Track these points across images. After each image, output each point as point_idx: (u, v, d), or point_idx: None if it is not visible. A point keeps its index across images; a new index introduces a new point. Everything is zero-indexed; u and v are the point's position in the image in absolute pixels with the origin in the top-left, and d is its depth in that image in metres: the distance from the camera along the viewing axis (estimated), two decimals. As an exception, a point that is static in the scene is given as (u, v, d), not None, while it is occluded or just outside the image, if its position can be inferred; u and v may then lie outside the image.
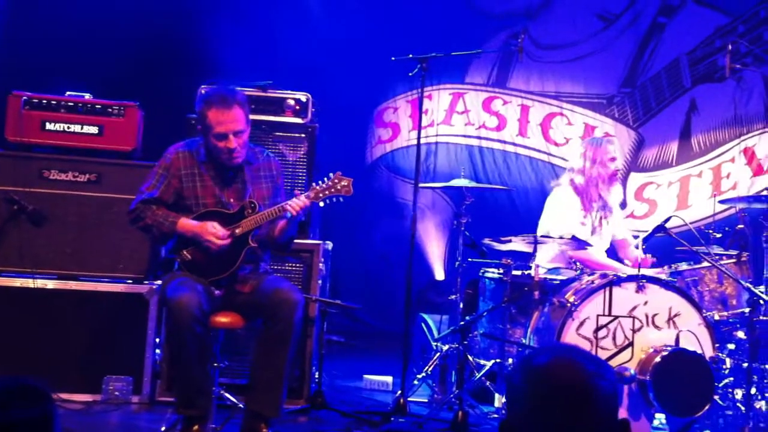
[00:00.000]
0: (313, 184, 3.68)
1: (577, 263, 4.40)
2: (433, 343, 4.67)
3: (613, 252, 4.92)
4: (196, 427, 3.46)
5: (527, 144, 6.72)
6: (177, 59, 5.95)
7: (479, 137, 6.80)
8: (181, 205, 3.68)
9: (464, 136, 6.83)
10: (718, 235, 4.56)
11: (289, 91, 4.63)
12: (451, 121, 6.84)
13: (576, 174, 4.77)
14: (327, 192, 3.62)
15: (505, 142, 6.76)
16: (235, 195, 3.70)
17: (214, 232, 3.57)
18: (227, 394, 3.78)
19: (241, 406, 3.69)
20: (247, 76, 4.73)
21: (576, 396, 1.64)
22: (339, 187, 3.63)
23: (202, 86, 4.59)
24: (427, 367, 4.41)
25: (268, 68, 5.62)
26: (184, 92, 4.75)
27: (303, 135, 4.60)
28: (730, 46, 5.77)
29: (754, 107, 6.61)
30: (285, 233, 3.69)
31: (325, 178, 3.65)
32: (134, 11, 6.05)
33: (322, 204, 3.67)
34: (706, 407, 3.83)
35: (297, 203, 3.57)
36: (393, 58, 4.74)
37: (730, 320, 4.26)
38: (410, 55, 4.61)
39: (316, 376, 4.21)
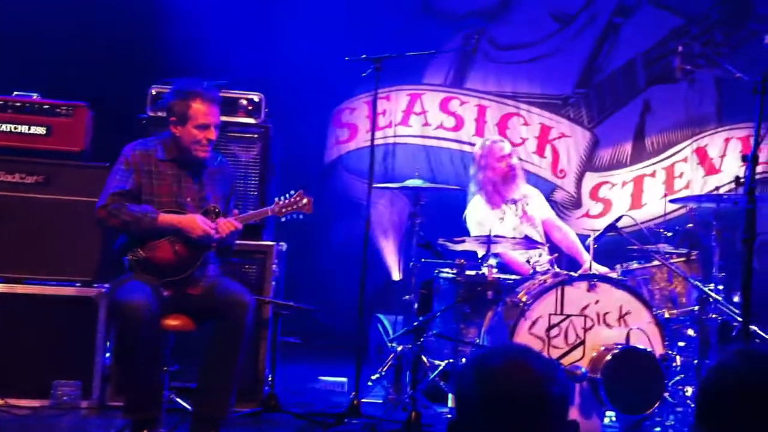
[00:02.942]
0: (276, 199, 3.80)
1: None
2: (389, 344, 4.67)
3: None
4: (144, 432, 3.42)
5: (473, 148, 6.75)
6: (127, 60, 5.89)
7: (437, 137, 6.82)
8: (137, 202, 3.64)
9: (422, 136, 6.83)
10: (669, 234, 4.62)
11: (241, 92, 4.60)
12: (408, 121, 6.85)
13: (477, 181, 4.89)
14: (289, 208, 3.77)
15: (462, 142, 6.79)
16: (192, 195, 3.67)
17: (205, 225, 3.55)
18: (178, 399, 3.73)
19: (190, 409, 3.65)
20: (199, 77, 4.69)
21: (527, 400, 1.63)
22: (300, 205, 3.78)
23: (153, 87, 4.55)
24: (381, 368, 4.40)
25: (222, 69, 5.57)
26: (134, 93, 4.69)
27: (256, 135, 4.57)
28: (680, 48, 5.85)
29: (706, 108, 6.71)
30: (234, 237, 3.70)
31: (288, 195, 3.79)
32: (84, 11, 5.96)
33: (283, 219, 3.80)
34: (657, 405, 3.87)
35: (261, 213, 3.78)
36: (346, 59, 4.73)
37: (680, 318, 4.32)
38: (363, 56, 4.61)
39: (270, 379, 4.18)
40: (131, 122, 4.46)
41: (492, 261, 4.57)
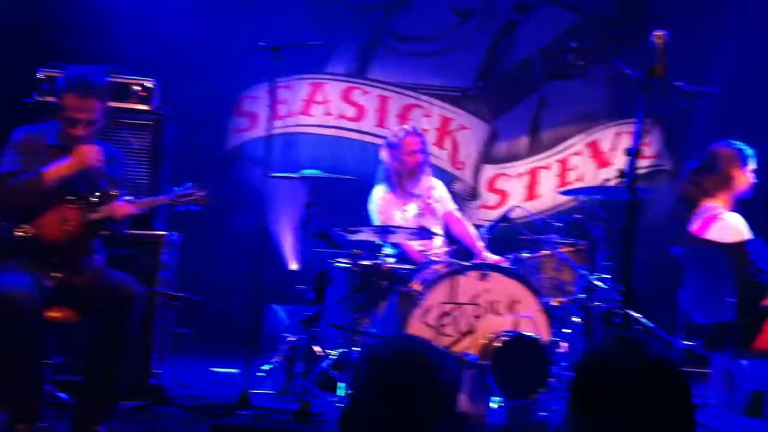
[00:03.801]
0: (173, 188, 3.80)
1: None
2: (283, 334, 4.65)
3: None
4: (23, 426, 3.30)
5: (385, 135, 6.77)
6: (15, 42, 5.65)
7: (338, 127, 6.81)
8: None
9: (323, 126, 6.82)
10: (559, 225, 4.76)
11: (134, 77, 4.49)
12: (310, 111, 6.82)
13: (384, 169, 4.93)
14: (184, 199, 3.76)
15: (363, 132, 6.81)
16: (83, 182, 3.58)
17: (92, 150, 3.49)
18: (60, 392, 3.63)
19: (73, 403, 3.55)
20: (91, 61, 4.55)
21: (418, 388, 1.68)
22: (195, 198, 3.77)
23: (42, 70, 4.40)
24: (274, 359, 4.39)
25: (118, 54, 5.42)
26: (21, 76, 4.53)
27: (149, 122, 4.47)
28: (574, 45, 6.01)
29: (599, 104, 6.92)
30: (126, 223, 3.64)
31: (184, 187, 3.78)
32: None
33: (177, 209, 3.81)
34: (542, 390, 3.99)
35: (158, 201, 3.84)
36: (245, 46, 4.67)
37: (567, 306, 4.45)
38: (261, 44, 4.56)
39: (158, 371, 4.10)
40: (17, 106, 4.30)
41: (389, 251, 4.61)
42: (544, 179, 6.87)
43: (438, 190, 5.03)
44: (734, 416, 4.13)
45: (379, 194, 4.93)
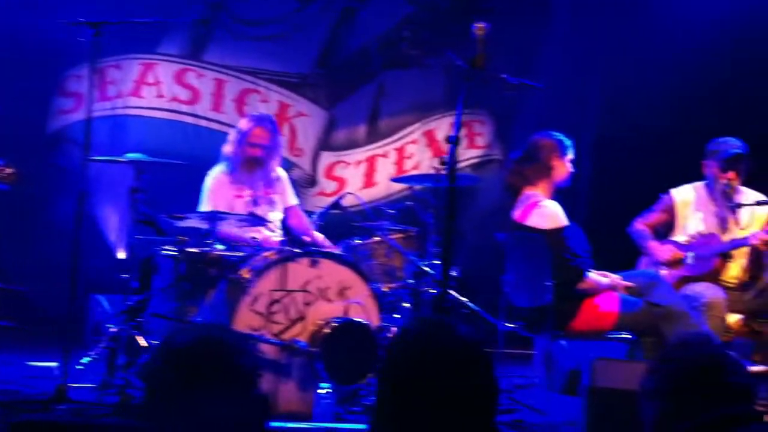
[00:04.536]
0: None
1: None
2: (106, 325, 4.46)
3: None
4: None
5: (221, 119, 6.63)
6: None
7: (171, 110, 6.59)
8: None
9: (155, 108, 6.57)
10: (392, 212, 4.83)
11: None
12: (140, 92, 6.55)
13: (228, 151, 4.84)
14: None
15: (198, 116, 6.62)
16: None
17: None
18: None
19: None
20: None
21: (216, 373, 1.67)
22: (3, 174, 3.66)
23: None
24: (95, 351, 4.20)
25: None
26: None
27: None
28: (408, 34, 6.10)
29: (435, 93, 7.06)
30: None
31: None
32: None
33: None
34: (372, 375, 4.02)
35: None
36: (65, 22, 4.42)
37: (398, 291, 4.52)
38: (81, 20, 4.32)
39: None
40: None
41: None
42: (381, 167, 6.94)
43: (282, 182, 4.94)
44: (554, 395, 4.33)
45: (215, 173, 4.80)
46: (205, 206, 4.70)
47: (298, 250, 4.19)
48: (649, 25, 6.46)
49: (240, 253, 4.34)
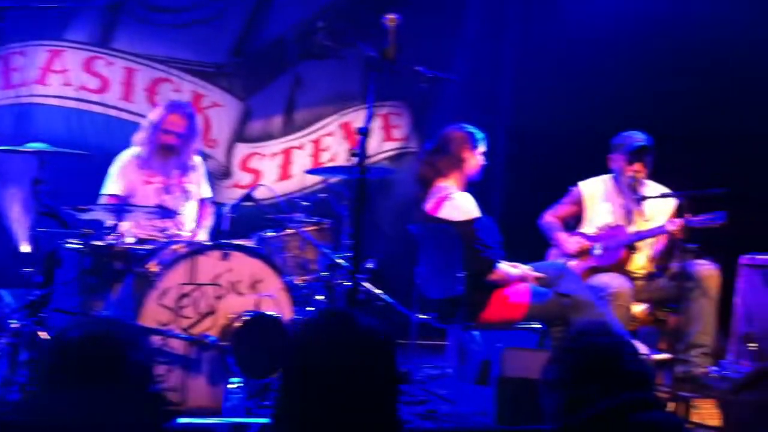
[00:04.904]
0: None
1: None
2: (7, 321, 4.29)
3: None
4: None
5: (131, 109, 6.45)
6: None
7: (79, 99, 6.38)
8: None
9: (62, 97, 6.34)
10: (306, 204, 4.79)
11: None
12: (46, 80, 6.32)
13: (141, 136, 4.73)
14: None
15: (107, 105, 6.42)
16: None
17: None
18: None
19: None
20: None
21: (108, 369, 1.66)
22: None
23: None
24: (-6, 348, 4.03)
25: None
26: None
27: None
28: (321, 24, 6.05)
29: (352, 85, 7.02)
30: None
31: None
32: None
33: None
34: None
35: None
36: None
37: (311, 284, 4.49)
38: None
39: None
40: None
41: (126, 230, 4.39)
42: (297, 159, 6.88)
43: (198, 172, 4.84)
44: (467, 385, 4.38)
45: (124, 156, 4.68)
46: (107, 189, 4.58)
47: (208, 243, 4.11)
48: (559, 19, 6.58)
49: (149, 247, 4.24)
